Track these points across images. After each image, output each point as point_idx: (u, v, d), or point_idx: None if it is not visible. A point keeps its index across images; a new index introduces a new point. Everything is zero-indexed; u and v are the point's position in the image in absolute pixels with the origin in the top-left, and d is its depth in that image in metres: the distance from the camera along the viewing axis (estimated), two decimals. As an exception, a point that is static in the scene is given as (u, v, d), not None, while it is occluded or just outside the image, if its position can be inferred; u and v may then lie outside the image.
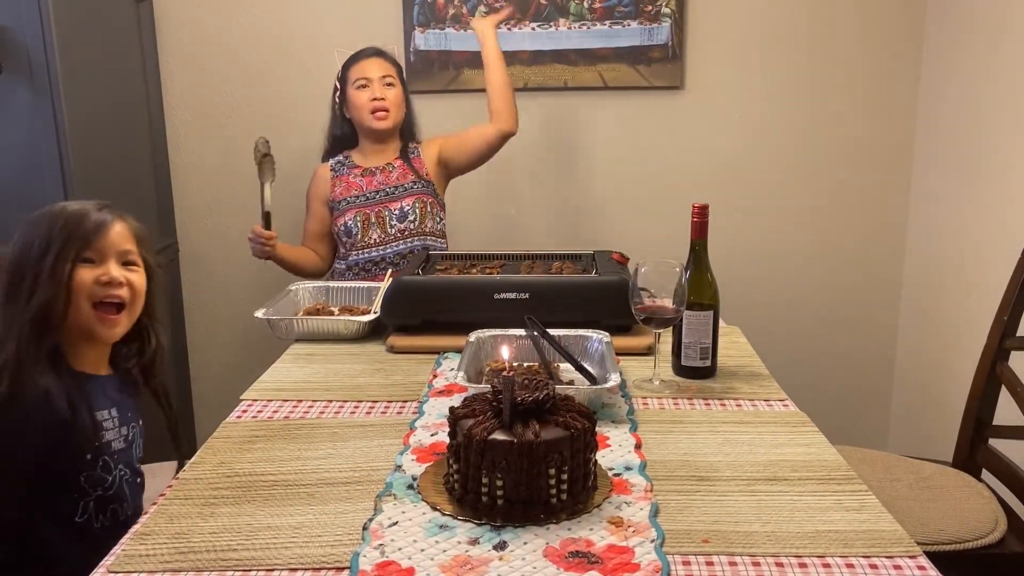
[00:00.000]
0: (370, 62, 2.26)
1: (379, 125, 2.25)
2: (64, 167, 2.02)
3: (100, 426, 1.23)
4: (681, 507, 1.06)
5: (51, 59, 1.96)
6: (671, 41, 2.59)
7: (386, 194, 2.28)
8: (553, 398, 1.06)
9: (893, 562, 0.94)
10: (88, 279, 1.22)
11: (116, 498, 1.25)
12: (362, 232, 2.26)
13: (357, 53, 2.30)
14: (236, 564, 0.95)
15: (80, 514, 1.21)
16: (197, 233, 2.77)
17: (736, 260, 2.69)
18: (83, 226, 1.23)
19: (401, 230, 2.27)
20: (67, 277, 1.20)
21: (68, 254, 1.21)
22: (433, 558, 0.94)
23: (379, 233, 2.26)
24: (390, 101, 2.25)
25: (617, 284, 1.66)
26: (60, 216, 1.23)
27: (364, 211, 2.26)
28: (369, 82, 2.24)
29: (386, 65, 2.28)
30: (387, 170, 2.31)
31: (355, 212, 2.26)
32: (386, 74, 2.26)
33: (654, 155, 2.70)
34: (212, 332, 2.83)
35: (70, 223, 1.22)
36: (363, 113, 2.25)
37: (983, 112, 2.33)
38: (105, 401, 1.27)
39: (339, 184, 2.30)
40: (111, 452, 1.25)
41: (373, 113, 2.24)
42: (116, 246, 1.25)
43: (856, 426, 2.81)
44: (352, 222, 2.25)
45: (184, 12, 2.63)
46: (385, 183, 2.29)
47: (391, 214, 2.26)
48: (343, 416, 1.37)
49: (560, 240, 2.73)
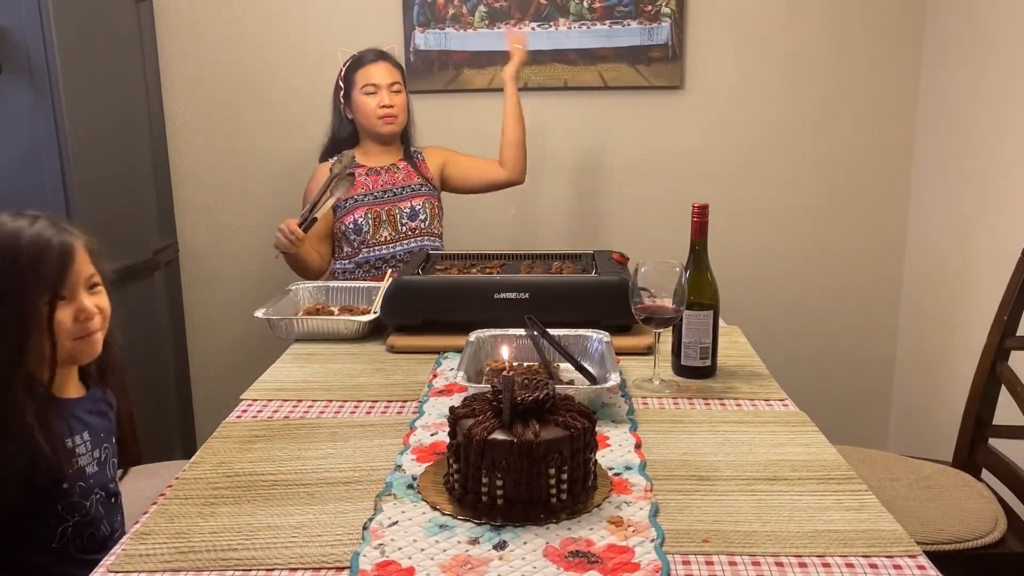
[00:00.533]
0: (378, 67, 2.27)
1: (387, 130, 2.28)
2: (64, 167, 2.01)
3: (73, 453, 1.20)
4: (681, 507, 1.06)
5: (51, 59, 1.96)
6: (671, 41, 2.59)
7: (394, 194, 2.29)
8: (553, 398, 1.06)
9: (893, 562, 0.94)
10: (67, 319, 1.18)
11: (93, 523, 1.23)
12: (373, 230, 2.26)
13: (361, 55, 2.29)
14: (236, 564, 0.95)
15: (58, 540, 1.19)
16: (197, 233, 2.77)
17: (736, 260, 2.69)
18: (49, 261, 1.15)
19: (412, 228, 2.29)
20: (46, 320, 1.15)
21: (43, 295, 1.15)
22: (433, 558, 0.94)
23: (390, 231, 2.27)
24: (398, 107, 2.28)
25: (617, 284, 1.66)
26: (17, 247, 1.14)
27: (374, 209, 2.26)
28: (378, 88, 2.25)
29: (393, 71, 2.29)
30: (392, 171, 2.32)
31: (365, 210, 2.26)
32: (394, 81, 2.27)
33: (654, 155, 2.70)
34: (212, 332, 2.83)
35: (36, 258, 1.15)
36: (371, 119, 2.27)
37: (983, 113, 2.32)
38: (78, 425, 1.24)
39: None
40: (85, 477, 1.22)
41: (381, 118, 2.26)
42: (82, 275, 1.20)
43: (856, 426, 2.81)
44: (362, 219, 2.25)
45: (184, 12, 2.63)
46: (392, 183, 2.30)
47: (402, 212, 2.28)
48: (343, 416, 1.37)
49: (560, 240, 2.73)
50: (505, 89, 2.33)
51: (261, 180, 2.72)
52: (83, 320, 1.20)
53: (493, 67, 2.61)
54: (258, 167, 2.72)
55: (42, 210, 1.24)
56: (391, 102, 2.26)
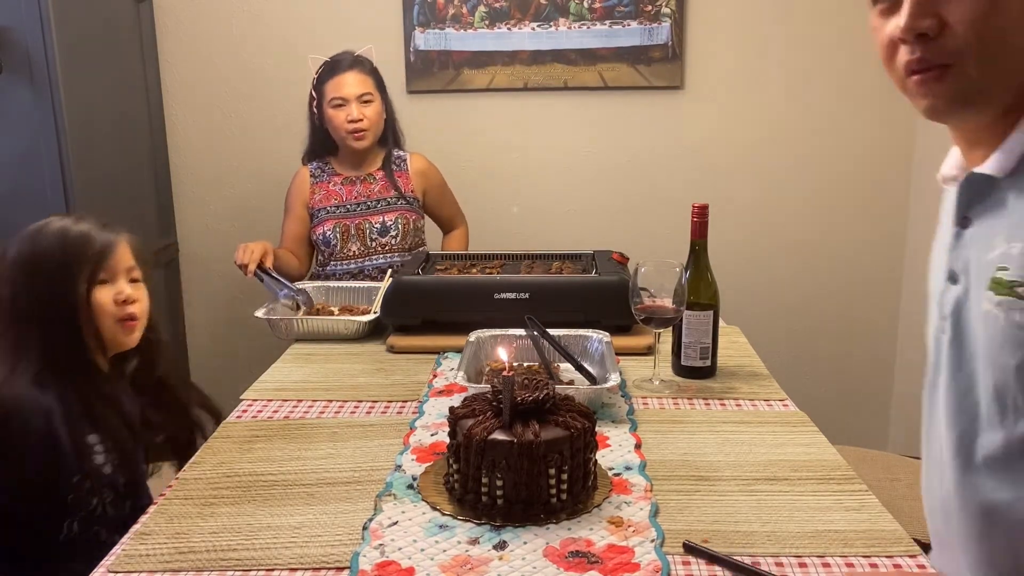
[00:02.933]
0: (347, 77, 2.17)
1: (357, 146, 2.20)
2: (64, 167, 2.02)
3: (91, 449, 1.22)
4: (681, 507, 1.06)
5: (51, 59, 1.96)
6: (671, 41, 2.59)
7: (367, 207, 2.23)
8: (553, 398, 1.06)
9: (893, 561, 0.94)
10: (107, 299, 1.29)
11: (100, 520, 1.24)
12: (341, 243, 2.22)
13: (334, 63, 2.21)
14: (236, 564, 0.95)
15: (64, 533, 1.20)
16: (197, 233, 2.77)
17: (736, 260, 2.69)
18: (93, 247, 1.28)
19: (382, 244, 2.23)
20: (86, 298, 1.26)
21: (84, 275, 1.26)
22: (433, 558, 0.94)
23: (358, 246, 2.22)
24: (368, 120, 2.18)
25: (617, 284, 1.66)
26: (66, 236, 1.28)
27: (343, 222, 2.22)
28: (346, 102, 2.16)
29: (364, 80, 2.19)
30: (368, 181, 2.26)
31: (334, 223, 2.22)
32: (363, 92, 2.17)
33: (654, 155, 2.70)
34: (212, 332, 2.83)
35: (80, 244, 1.28)
36: (340, 133, 2.19)
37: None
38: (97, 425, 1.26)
39: (319, 191, 2.25)
40: (98, 476, 1.24)
41: (351, 134, 2.18)
42: (124, 264, 1.32)
43: (856, 426, 2.81)
44: (331, 232, 2.21)
45: (184, 12, 2.63)
46: (367, 195, 2.24)
47: (372, 227, 2.22)
48: (343, 416, 1.37)
49: (560, 240, 2.73)
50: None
51: (261, 180, 2.72)
52: (122, 303, 1.29)
53: (493, 67, 2.62)
54: (258, 167, 2.72)
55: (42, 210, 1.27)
56: (359, 115, 2.16)
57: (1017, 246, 0.77)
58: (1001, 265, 0.78)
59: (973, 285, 0.83)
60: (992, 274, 0.79)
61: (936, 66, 0.80)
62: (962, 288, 0.84)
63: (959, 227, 0.86)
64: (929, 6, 0.78)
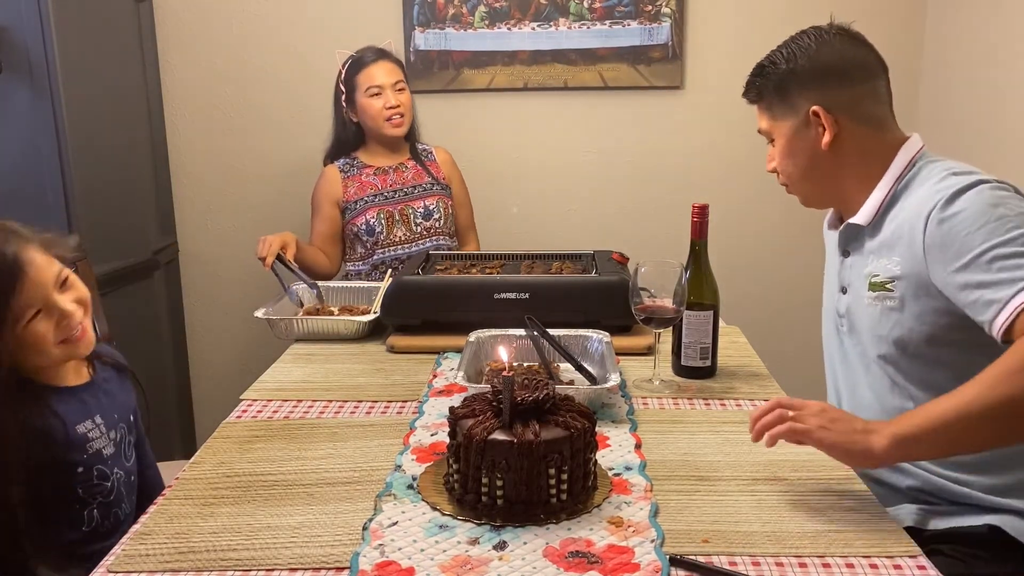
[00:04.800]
0: (379, 67, 2.23)
1: (396, 132, 2.25)
2: (64, 167, 2.01)
3: (86, 438, 1.22)
4: (681, 507, 1.06)
5: (51, 59, 1.96)
6: (671, 41, 2.59)
7: (405, 193, 2.27)
8: (553, 398, 1.06)
9: (893, 562, 0.94)
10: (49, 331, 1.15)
11: (116, 501, 1.25)
12: (387, 230, 2.24)
13: (360, 56, 2.25)
14: (236, 564, 0.95)
15: (87, 523, 1.21)
16: (197, 233, 2.77)
17: (736, 260, 2.69)
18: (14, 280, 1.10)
19: (427, 228, 2.27)
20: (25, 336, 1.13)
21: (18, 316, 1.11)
22: (433, 558, 0.94)
23: (404, 231, 2.25)
24: (404, 106, 2.24)
25: (617, 284, 1.66)
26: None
27: (387, 208, 2.24)
28: (382, 89, 2.21)
29: (395, 69, 2.25)
30: (400, 170, 2.29)
31: (377, 210, 2.24)
32: (397, 80, 2.24)
33: (654, 155, 2.70)
34: (212, 332, 2.83)
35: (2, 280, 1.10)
36: (378, 121, 2.23)
37: (983, 113, 2.32)
38: (89, 409, 1.25)
39: (351, 184, 2.27)
40: (104, 459, 1.24)
41: (389, 120, 2.22)
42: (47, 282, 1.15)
43: (856, 426, 2.80)
44: (375, 220, 2.23)
45: (184, 12, 2.63)
46: (402, 183, 2.28)
47: (415, 212, 2.26)
48: (343, 416, 1.37)
49: (560, 240, 2.73)
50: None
51: (261, 180, 2.72)
52: (65, 325, 1.17)
53: (493, 67, 2.62)
54: (258, 167, 2.72)
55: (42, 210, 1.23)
56: (397, 101, 2.22)
57: (882, 261, 1.27)
58: (874, 273, 1.28)
59: (857, 291, 1.32)
60: (868, 280, 1.29)
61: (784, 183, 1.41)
62: (851, 295, 1.35)
63: (843, 256, 1.38)
64: (771, 156, 1.41)
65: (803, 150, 1.33)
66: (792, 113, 1.33)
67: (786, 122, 1.34)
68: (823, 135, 1.30)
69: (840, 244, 1.38)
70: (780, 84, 1.34)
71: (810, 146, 1.32)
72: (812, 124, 1.31)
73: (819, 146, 1.31)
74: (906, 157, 1.31)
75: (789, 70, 1.33)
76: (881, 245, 1.28)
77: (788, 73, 1.33)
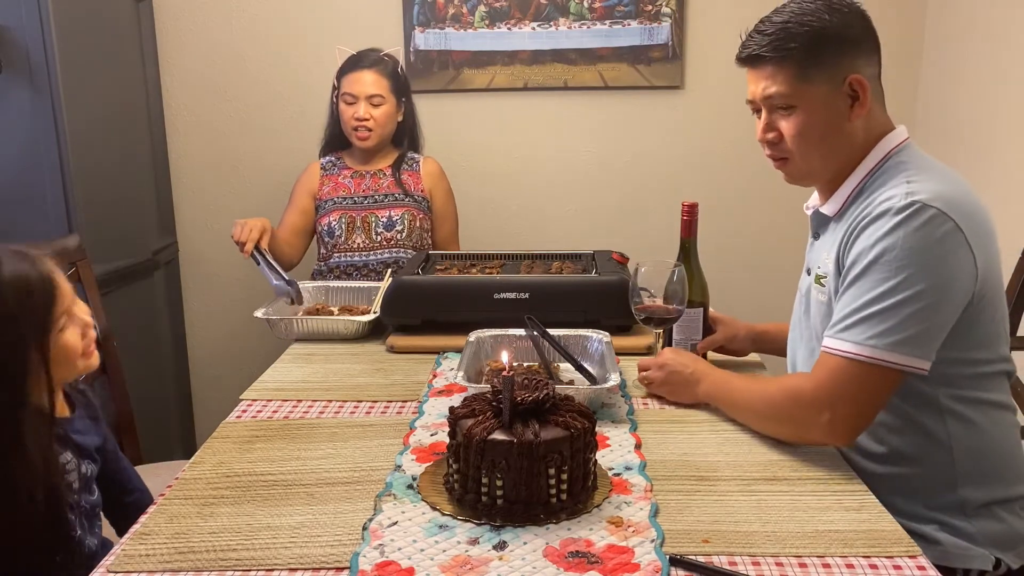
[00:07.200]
0: (361, 76, 2.19)
1: (361, 144, 2.23)
2: (64, 167, 2.01)
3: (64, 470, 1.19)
4: (681, 507, 1.06)
5: (51, 59, 1.96)
6: (671, 41, 2.59)
7: (374, 201, 2.24)
8: (553, 398, 1.06)
9: (893, 562, 0.94)
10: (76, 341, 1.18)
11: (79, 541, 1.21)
12: (346, 235, 2.23)
13: (356, 59, 2.23)
14: (236, 564, 0.95)
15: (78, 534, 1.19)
16: (197, 233, 2.77)
17: (735, 259, 2.69)
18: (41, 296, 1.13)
19: (387, 238, 2.23)
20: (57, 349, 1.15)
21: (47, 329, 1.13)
22: (433, 558, 0.94)
23: (363, 238, 2.23)
24: (375, 121, 2.20)
25: (617, 284, 1.66)
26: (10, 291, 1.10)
27: (349, 214, 2.23)
28: (355, 99, 2.19)
29: (379, 81, 2.20)
30: (378, 176, 2.27)
31: (340, 213, 2.23)
32: (375, 93, 2.19)
33: (654, 155, 2.70)
34: (212, 332, 2.83)
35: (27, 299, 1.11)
36: (347, 129, 2.23)
37: (982, 113, 2.32)
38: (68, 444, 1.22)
39: (327, 183, 2.27)
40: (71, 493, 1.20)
41: (355, 131, 2.21)
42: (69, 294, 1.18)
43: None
44: (336, 223, 2.22)
45: (184, 12, 2.63)
46: (375, 190, 2.26)
47: (378, 221, 2.23)
48: (343, 416, 1.37)
49: (560, 240, 2.73)
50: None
51: (261, 180, 2.72)
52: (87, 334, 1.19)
53: (493, 67, 2.62)
54: (258, 167, 2.72)
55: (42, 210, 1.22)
56: (366, 115, 2.18)
57: (824, 255, 1.29)
58: (818, 264, 1.31)
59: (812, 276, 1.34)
60: (815, 270, 1.32)
61: (780, 157, 1.32)
62: (811, 278, 1.35)
63: (813, 239, 1.40)
64: (772, 124, 1.30)
65: (827, 121, 1.23)
66: (826, 79, 1.21)
67: (818, 87, 1.21)
68: (853, 107, 1.22)
69: (812, 227, 1.40)
70: (815, 44, 1.20)
71: (835, 117, 1.22)
72: (843, 93, 1.21)
73: (845, 119, 1.22)
74: (883, 151, 1.25)
75: (823, 30, 1.20)
76: (833, 238, 1.27)
77: (822, 33, 1.20)
